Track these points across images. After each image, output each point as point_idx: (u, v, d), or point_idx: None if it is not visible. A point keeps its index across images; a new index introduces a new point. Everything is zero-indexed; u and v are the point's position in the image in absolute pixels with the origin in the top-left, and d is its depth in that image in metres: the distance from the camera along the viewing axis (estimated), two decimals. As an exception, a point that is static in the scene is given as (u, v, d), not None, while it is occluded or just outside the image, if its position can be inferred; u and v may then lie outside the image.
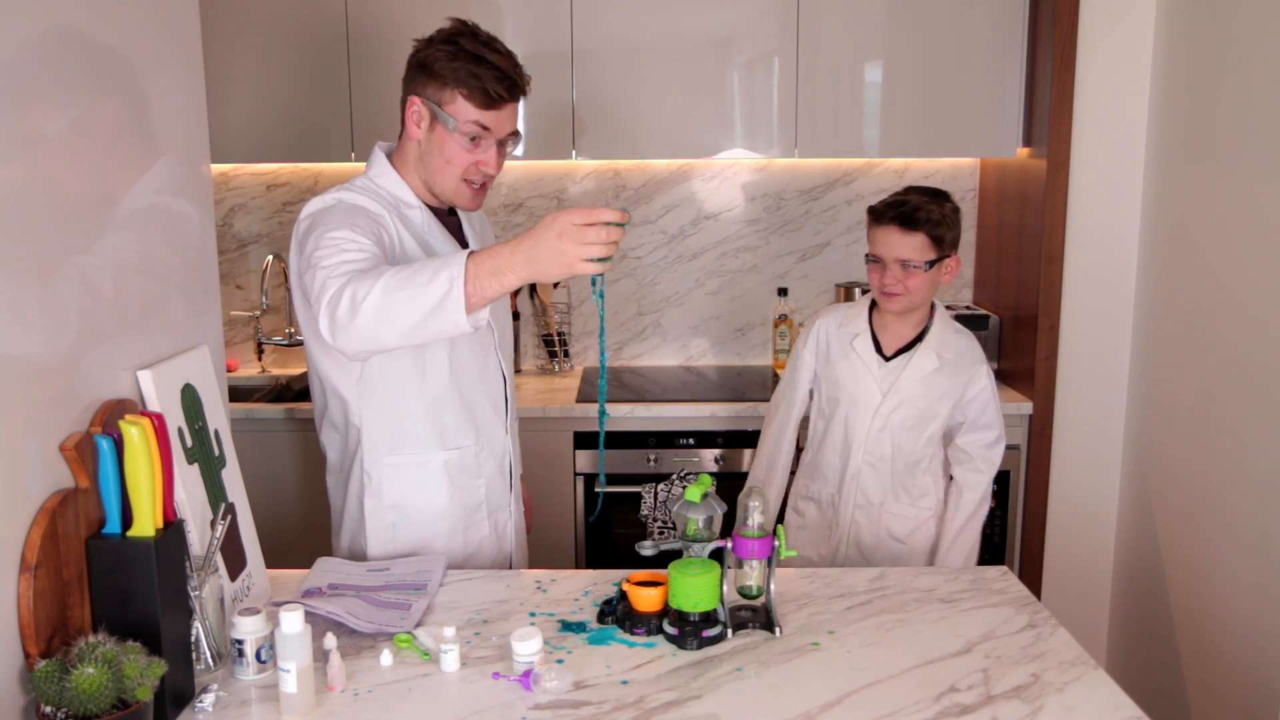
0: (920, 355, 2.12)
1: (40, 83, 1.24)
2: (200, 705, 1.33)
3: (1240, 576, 2.31)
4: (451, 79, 1.73)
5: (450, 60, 1.73)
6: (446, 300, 1.43)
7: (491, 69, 1.73)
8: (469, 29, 1.77)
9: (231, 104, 2.95)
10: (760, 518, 1.53)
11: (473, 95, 1.73)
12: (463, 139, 1.76)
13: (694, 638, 1.49)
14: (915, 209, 2.03)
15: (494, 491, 1.95)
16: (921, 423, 2.13)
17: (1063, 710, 1.32)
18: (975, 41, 2.94)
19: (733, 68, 2.99)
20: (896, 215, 2.03)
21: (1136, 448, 2.86)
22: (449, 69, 1.73)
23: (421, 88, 1.78)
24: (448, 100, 1.75)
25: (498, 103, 1.75)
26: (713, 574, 1.51)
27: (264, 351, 3.37)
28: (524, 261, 1.43)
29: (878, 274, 2.07)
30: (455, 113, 1.75)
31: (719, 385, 3.14)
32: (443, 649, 1.42)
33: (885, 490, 2.15)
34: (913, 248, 2.03)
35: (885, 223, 2.05)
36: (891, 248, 2.04)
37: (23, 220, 1.20)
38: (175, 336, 1.58)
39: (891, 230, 2.04)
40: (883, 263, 2.05)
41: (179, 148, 1.64)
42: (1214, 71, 2.47)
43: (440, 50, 1.74)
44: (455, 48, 1.73)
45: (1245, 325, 2.30)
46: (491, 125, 1.76)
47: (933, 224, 2.03)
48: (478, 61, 1.72)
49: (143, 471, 1.27)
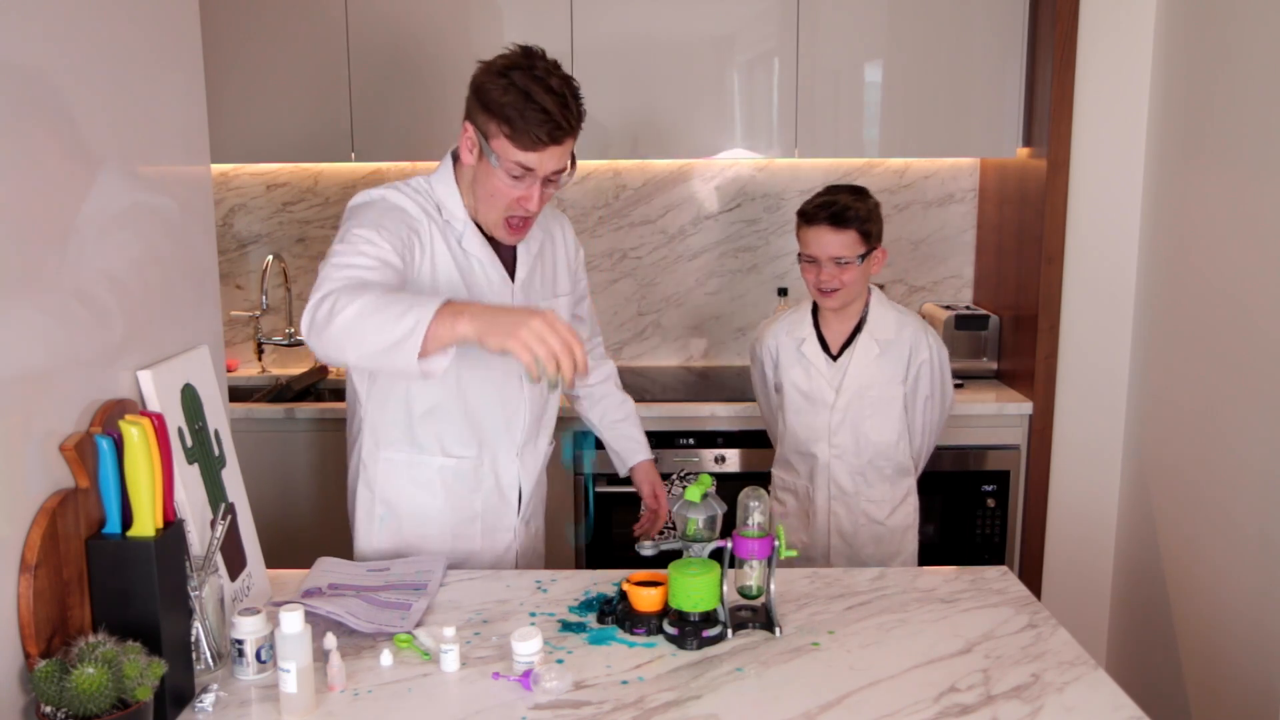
0: (861, 346, 2.20)
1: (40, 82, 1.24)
2: (200, 705, 1.33)
3: (1240, 576, 2.31)
4: (498, 114, 1.68)
5: (500, 95, 1.67)
6: (406, 340, 1.40)
7: (538, 111, 1.66)
8: (526, 61, 1.70)
9: (231, 104, 2.95)
10: (760, 517, 1.54)
11: (515, 136, 1.67)
12: (506, 177, 1.71)
13: (694, 638, 1.49)
14: (845, 208, 2.12)
15: (491, 509, 1.93)
16: (879, 409, 2.21)
17: (1063, 710, 1.32)
18: (975, 41, 2.94)
19: (733, 68, 2.99)
20: (828, 215, 2.12)
21: (1136, 447, 2.86)
22: (497, 104, 1.67)
23: (475, 114, 1.73)
24: (493, 135, 1.70)
25: (540, 145, 1.68)
26: (713, 574, 1.51)
27: (264, 351, 3.37)
28: (484, 320, 1.40)
29: (813, 273, 2.16)
30: (499, 150, 1.70)
31: (719, 385, 3.14)
32: (443, 649, 1.42)
33: (858, 479, 2.22)
34: (844, 244, 2.11)
35: (817, 223, 2.13)
36: (824, 246, 2.12)
37: (22, 220, 1.20)
38: (175, 336, 1.58)
39: (823, 230, 2.12)
40: (817, 262, 2.14)
41: (179, 148, 1.64)
42: (1214, 71, 2.47)
43: (494, 82, 1.69)
44: (507, 81, 1.67)
45: (1245, 325, 2.30)
46: (534, 166, 1.70)
47: (861, 220, 2.12)
48: (525, 100, 1.66)
49: (143, 471, 1.27)
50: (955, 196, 3.33)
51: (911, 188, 3.32)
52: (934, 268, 3.37)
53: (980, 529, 2.92)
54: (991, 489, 2.91)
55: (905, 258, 3.36)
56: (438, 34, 2.95)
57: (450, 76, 2.96)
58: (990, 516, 2.93)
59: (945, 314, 3.14)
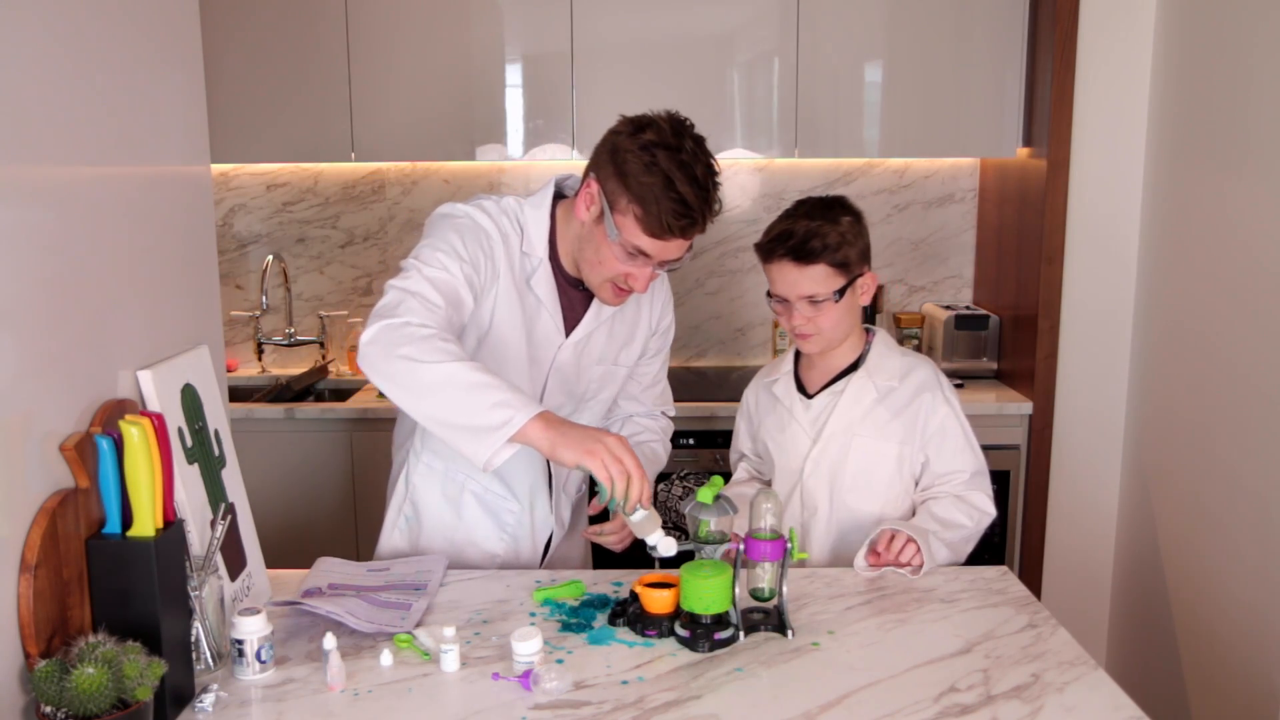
0: (855, 385, 1.81)
1: (39, 82, 1.24)
2: (200, 705, 1.33)
3: (1241, 576, 2.31)
4: (633, 190, 1.56)
5: (641, 172, 1.56)
6: (491, 434, 1.41)
7: (676, 201, 1.55)
8: (675, 140, 1.57)
9: (231, 104, 2.95)
10: (773, 519, 1.53)
11: (646, 220, 1.57)
12: (621, 251, 1.62)
13: (706, 640, 1.48)
14: (807, 237, 1.72)
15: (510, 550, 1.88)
16: (865, 469, 1.81)
17: (1063, 710, 1.32)
18: (975, 41, 2.94)
19: (733, 68, 2.99)
20: (787, 249, 1.74)
21: (1136, 447, 2.86)
22: (635, 181, 1.56)
23: (606, 177, 1.61)
24: (621, 209, 1.59)
25: (668, 236, 1.59)
26: (725, 576, 1.50)
27: (264, 351, 3.37)
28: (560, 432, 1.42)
29: (785, 315, 1.78)
30: (622, 225, 1.59)
31: (719, 385, 3.14)
32: (443, 649, 1.42)
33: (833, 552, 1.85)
34: (813, 281, 1.73)
35: (776, 259, 1.76)
36: (792, 285, 1.75)
37: (21, 220, 1.20)
38: (175, 336, 1.58)
39: (786, 266, 1.74)
40: (788, 302, 1.77)
41: (179, 148, 1.64)
42: (1214, 71, 2.47)
43: (636, 155, 1.56)
44: (651, 159, 1.55)
45: (1245, 325, 2.30)
46: (654, 253, 1.61)
47: (831, 250, 1.72)
48: (667, 186, 1.55)
49: (143, 471, 1.27)
50: (955, 196, 3.33)
51: (911, 188, 3.32)
52: (934, 268, 3.37)
53: (980, 529, 2.92)
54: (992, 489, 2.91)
55: (905, 258, 3.36)
56: (438, 34, 2.95)
57: (450, 76, 2.96)
58: (990, 516, 2.92)
59: (945, 314, 3.14)
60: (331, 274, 3.40)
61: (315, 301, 3.41)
